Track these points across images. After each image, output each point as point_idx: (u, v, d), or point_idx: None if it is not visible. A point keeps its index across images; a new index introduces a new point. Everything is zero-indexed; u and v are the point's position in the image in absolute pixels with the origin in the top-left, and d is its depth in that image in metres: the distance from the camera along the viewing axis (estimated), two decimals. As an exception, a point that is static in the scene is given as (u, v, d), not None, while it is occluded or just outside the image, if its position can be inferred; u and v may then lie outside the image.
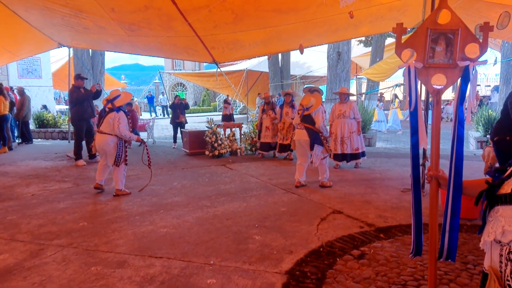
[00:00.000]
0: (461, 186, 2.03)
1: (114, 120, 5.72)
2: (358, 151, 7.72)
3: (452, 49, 2.18)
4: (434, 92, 2.24)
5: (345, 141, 7.66)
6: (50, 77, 18.98)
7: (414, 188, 2.29)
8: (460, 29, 2.15)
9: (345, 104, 7.69)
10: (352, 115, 7.63)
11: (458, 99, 2.14)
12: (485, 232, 1.67)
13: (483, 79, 24.89)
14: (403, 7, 7.31)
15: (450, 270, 3.35)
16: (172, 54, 11.76)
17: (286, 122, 8.72)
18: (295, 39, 8.89)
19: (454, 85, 2.34)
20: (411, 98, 2.22)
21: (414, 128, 2.26)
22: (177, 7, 6.71)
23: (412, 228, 2.34)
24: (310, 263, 3.57)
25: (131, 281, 3.23)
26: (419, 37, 2.21)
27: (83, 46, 12.22)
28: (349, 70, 13.12)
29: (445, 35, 2.19)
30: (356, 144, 7.68)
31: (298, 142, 6.29)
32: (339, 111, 7.69)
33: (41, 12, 7.75)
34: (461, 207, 2.13)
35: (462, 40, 2.16)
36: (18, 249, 3.93)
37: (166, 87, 34.07)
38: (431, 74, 2.23)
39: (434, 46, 2.20)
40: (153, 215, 4.97)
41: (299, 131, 6.26)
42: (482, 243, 1.72)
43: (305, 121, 6.18)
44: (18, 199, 5.77)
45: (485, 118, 10.82)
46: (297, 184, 6.31)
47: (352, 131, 7.66)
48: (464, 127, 2.15)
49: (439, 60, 2.21)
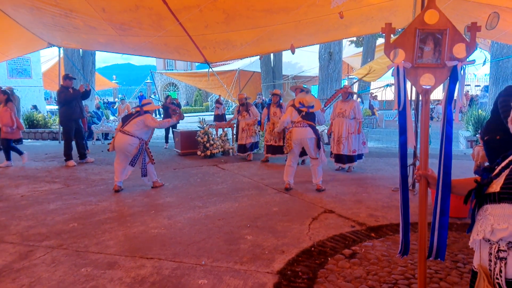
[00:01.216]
0: (450, 185, 2.04)
1: (148, 120, 6.08)
2: (355, 153, 7.42)
3: (441, 49, 2.19)
4: (423, 92, 2.25)
5: (342, 142, 7.38)
6: (40, 77, 18.83)
7: (402, 187, 2.31)
8: (448, 29, 2.17)
9: (346, 103, 7.40)
10: (352, 115, 7.32)
11: (447, 99, 2.16)
12: (474, 230, 1.68)
13: (473, 79, 25.14)
14: (393, 8, 7.35)
15: (440, 268, 3.37)
16: (163, 54, 11.70)
17: (276, 122, 8.38)
18: (287, 39, 8.89)
19: (443, 84, 2.36)
20: (400, 98, 2.23)
21: (403, 128, 2.27)
22: (168, 7, 6.68)
23: (400, 227, 2.36)
24: (301, 263, 3.57)
25: (122, 282, 3.21)
26: (408, 37, 2.22)
27: (73, 46, 12.11)
28: (340, 70, 13.18)
29: (433, 35, 2.20)
30: (354, 145, 7.37)
31: (299, 141, 6.00)
32: (339, 110, 7.43)
33: (30, 11, 7.66)
34: (451, 206, 2.14)
35: (450, 40, 2.18)
36: (7, 251, 3.88)
37: (158, 87, 33.93)
38: (419, 74, 2.24)
39: (423, 46, 2.21)
40: (144, 216, 4.94)
41: (301, 129, 5.95)
42: (471, 241, 1.73)
43: (308, 119, 5.99)
44: (7, 200, 5.70)
45: (475, 118, 10.93)
46: (287, 186, 6.15)
47: (350, 131, 7.36)
48: (452, 127, 2.17)
49: (427, 60, 2.23)
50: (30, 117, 14.13)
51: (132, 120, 6.11)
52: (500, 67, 11.64)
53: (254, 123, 9.10)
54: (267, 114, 8.73)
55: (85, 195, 5.94)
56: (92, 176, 7.30)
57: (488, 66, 14.24)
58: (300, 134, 5.95)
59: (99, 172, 7.71)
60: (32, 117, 14.17)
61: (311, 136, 5.92)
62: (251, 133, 9.01)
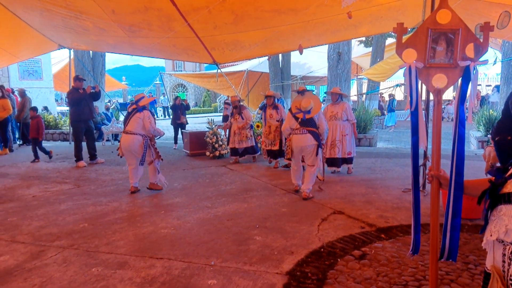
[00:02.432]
0: (462, 186, 2.02)
1: (145, 118, 5.92)
2: (351, 155, 7.25)
3: (453, 49, 2.17)
4: (435, 92, 2.23)
5: (336, 145, 7.13)
6: (51, 79, 19.02)
7: (414, 187, 2.30)
8: (461, 29, 2.15)
9: (337, 105, 7.18)
10: (344, 117, 7.12)
11: (459, 99, 2.14)
12: (488, 231, 1.67)
13: (484, 78, 24.89)
14: (402, 7, 7.30)
15: (451, 270, 3.34)
16: (172, 55, 11.77)
17: (272, 125, 8.15)
18: (295, 39, 8.89)
19: (455, 84, 2.34)
20: (412, 98, 2.22)
21: (415, 128, 2.26)
22: (177, 8, 6.72)
23: (412, 227, 2.35)
24: (311, 264, 3.56)
25: (132, 282, 3.23)
26: (420, 37, 2.21)
27: (83, 47, 12.24)
28: (349, 71, 13.11)
29: (446, 35, 2.18)
30: (349, 147, 7.17)
31: (300, 149, 5.71)
32: (331, 113, 7.19)
33: (41, 13, 7.75)
34: (462, 207, 2.12)
35: (463, 40, 2.16)
36: (19, 250, 3.93)
37: (167, 88, 34.09)
38: (431, 74, 2.22)
39: (435, 46, 2.20)
40: (153, 216, 4.96)
41: (300, 136, 5.65)
42: (484, 242, 1.71)
43: (307, 125, 5.66)
44: (19, 201, 5.77)
45: (486, 118, 10.81)
46: (297, 188, 6.04)
47: (345, 133, 7.14)
48: (465, 127, 2.15)
49: (439, 60, 2.21)
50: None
51: (132, 118, 6.02)
52: (511, 66, 11.50)
53: (246, 127, 8.67)
54: (264, 117, 8.36)
55: (96, 196, 5.99)
56: (103, 177, 7.36)
57: (499, 66, 14.09)
58: (300, 142, 5.67)
59: (109, 172, 7.77)
60: (43, 118, 14.29)
61: (312, 143, 5.63)
62: (242, 137, 8.63)
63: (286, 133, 5.95)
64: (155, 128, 6.06)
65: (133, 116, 6.02)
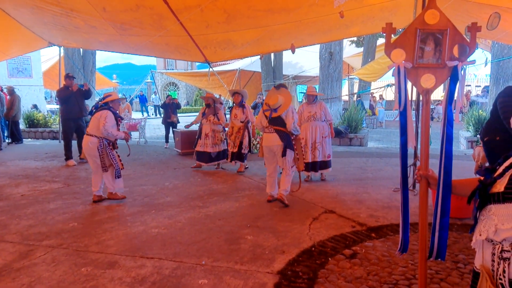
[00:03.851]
0: (450, 185, 2.05)
1: (100, 119, 5.28)
2: (330, 158, 6.75)
3: (441, 49, 2.19)
4: (424, 92, 2.25)
5: (317, 147, 6.62)
6: (41, 76, 18.82)
7: (403, 186, 2.32)
8: (449, 29, 2.17)
9: (314, 105, 6.68)
10: (323, 117, 6.65)
11: (447, 99, 2.16)
12: (477, 230, 1.68)
13: (474, 79, 25.13)
14: (394, 8, 7.34)
15: (441, 269, 3.37)
16: (164, 53, 11.69)
17: (235, 126, 7.62)
18: (287, 39, 8.88)
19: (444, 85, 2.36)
20: (401, 98, 2.23)
21: (404, 128, 2.28)
22: (169, 6, 6.67)
23: (400, 226, 2.37)
24: (302, 263, 3.57)
25: (122, 282, 3.21)
26: (408, 37, 2.22)
27: (74, 45, 12.10)
28: (341, 70, 13.17)
29: (434, 35, 2.20)
30: (328, 150, 6.71)
31: (268, 149, 5.38)
32: (308, 113, 6.65)
33: (31, 10, 7.66)
34: (452, 206, 2.14)
35: (451, 40, 2.18)
36: (7, 250, 3.88)
37: (158, 87, 33.94)
38: (420, 74, 2.24)
39: (423, 46, 2.21)
40: (144, 216, 4.94)
41: (269, 135, 5.34)
42: (473, 242, 1.72)
43: (275, 123, 5.31)
44: (7, 200, 5.70)
45: (475, 118, 10.93)
46: (270, 198, 5.46)
47: (324, 135, 6.65)
48: (453, 127, 2.17)
49: (428, 60, 2.23)
50: (30, 116, 14.14)
51: (92, 118, 5.47)
52: (500, 67, 11.63)
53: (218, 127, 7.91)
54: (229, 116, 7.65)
55: (85, 195, 5.93)
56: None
57: (489, 67, 14.24)
58: (267, 141, 5.36)
59: (100, 171, 7.70)
60: (32, 116, 14.17)
61: (277, 143, 5.25)
62: (216, 140, 7.83)
63: (259, 128, 5.73)
64: (109, 130, 5.26)
65: (94, 115, 5.45)
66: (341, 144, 11.52)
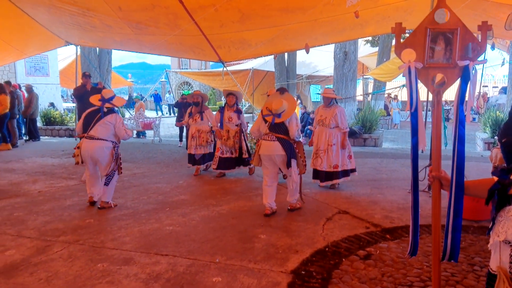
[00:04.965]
0: (463, 186, 2.03)
1: (117, 122, 5.02)
2: (337, 169, 6.03)
3: (451, 48, 2.17)
4: (435, 92, 2.23)
5: (319, 155, 6.07)
6: (57, 75, 19.12)
7: (414, 188, 2.30)
8: (459, 28, 2.15)
9: (327, 109, 6.08)
10: (333, 124, 5.99)
11: (458, 99, 2.14)
12: (495, 232, 1.66)
13: (491, 80, 24.74)
14: (410, 7, 7.26)
15: (457, 271, 3.33)
16: (178, 53, 11.77)
17: (231, 130, 6.92)
18: (302, 38, 8.86)
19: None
20: (412, 98, 2.21)
21: (415, 129, 2.25)
22: (184, 6, 6.72)
23: (410, 228, 2.35)
24: (315, 263, 3.56)
25: (137, 278, 3.25)
26: (418, 37, 2.20)
27: (90, 44, 12.27)
28: (355, 70, 13.08)
29: (444, 34, 2.18)
30: (335, 160, 6.00)
31: (267, 157, 4.92)
32: (320, 117, 6.15)
33: (49, 10, 7.78)
34: (468, 208, 2.12)
35: (461, 39, 2.16)
36: (25, 245, 3.96)
37: (173, 86, 34.15)
38: (431, 74, 2.22)
39: (433, 45, 2.19)
40: (159, 213, 4.98)
41: (269, 143, 4.85)
42: (491, 243, 1.70)
43: (277, 131, 4.85)
44: (25, 196, 5.80)
45: (492, 119, 10.75)
46: (268, 212, 4.94)
47: (331, 143, 6.00)
48: (465, 127, 2.15)
49: (438, 60, 2.20)
50: (47, 114, 14.38)
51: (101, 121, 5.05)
52: (519, 68, 11.43)
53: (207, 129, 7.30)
54: (219, 119, 6.98)
55: (101, 192, 6.00)
56: (108, 173, 7.38)
57: (507, 67, 13.99)
58: (267, 150, 4.87)
59: (114, 169, 7.79)
60: (49, 114, 14.41)
61: (279, 152, 4.80)
62: (201, 141, 7.19)
63: (255, 135, 5.19)
64: (129, 134, 5.21)
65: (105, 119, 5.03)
66: (355, 144, 11.44)
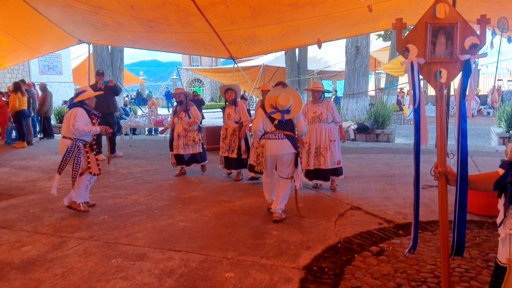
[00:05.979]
0: (467, 180, 2.02)
1: (70, 117, 4.68)
2: (340, 165, 5.86)
3: (452, 43, 2.16)
4: (437, 87, 2.21)
5: (321, 153, 5.74)
6: (71, 73, 19.36)
7: (416, 185, 2.29)
8: (459, 23, 2.14)
9: (320, 105, 5.73)
10: (330, 118, 5.73)
11: (460, 93, 2.13)
12: (507, 225, 1.65)
13: (506, 73, 24.34)
14: (422, 1, 7.18)
15: (471, 267, 3.30)
16: (189, 50, 11.85)
17: (229, 127, 6.61)
18: (313, 33, 8.82)
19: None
20: (415, 94, 2.20)
21: (418, 125, 2.24)
22: (195, 3, 6.75)
23: (412, 225, 2.35)
24: (327, 259, 3.56)
25: (151, 274, 3.28)
26: (419, 32, 2.20)
27: (102, 42, 12.39)
28: (367, 65, 12.97)
29: (444, 29, 2.17)
30: (338, 156, 5.80)
31: (274, 158, 4.57)
32: (313, 113, 5.73)
33: (62, 9, 7.88)
34: (483, 204, 2.10)
35: (462, 34, 2.15)
36: (41, 241, 4.03)
37: (184, 83, 34.31)
38: (433, 70, 2.21)
39: (434, 40, 2.18)
40: (171, 209, 5.02)
41: (276, 142, 4.49)
42: (503, 236, 1.70)
43: (285, 128, 4.51)
44: (40, 193, 5.90)
45: (507, 114, 10.57)
46: (270, 207, 4.75)
47: (332, 138, 5.74)
48: (467, 121, 2.14)
49: (440, 55, 2.20)
50: (61, 112, 14.57)
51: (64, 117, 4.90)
52: (535, 61, 11.22)
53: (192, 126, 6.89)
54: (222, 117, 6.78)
55: (115, 188, 6.08)
56: (121, 170, 7.47)
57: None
58: (275, 149, 4.49)
59: (128, 166, 7.88)
60: (63, 112, 14.58)
61: (290, 151, 4.49)
62: (188, 141, 6.84)
63: (258, 135, 4.65)
64: (80, 128, 4.63)
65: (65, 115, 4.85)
66: (367, 140, 11.37)
